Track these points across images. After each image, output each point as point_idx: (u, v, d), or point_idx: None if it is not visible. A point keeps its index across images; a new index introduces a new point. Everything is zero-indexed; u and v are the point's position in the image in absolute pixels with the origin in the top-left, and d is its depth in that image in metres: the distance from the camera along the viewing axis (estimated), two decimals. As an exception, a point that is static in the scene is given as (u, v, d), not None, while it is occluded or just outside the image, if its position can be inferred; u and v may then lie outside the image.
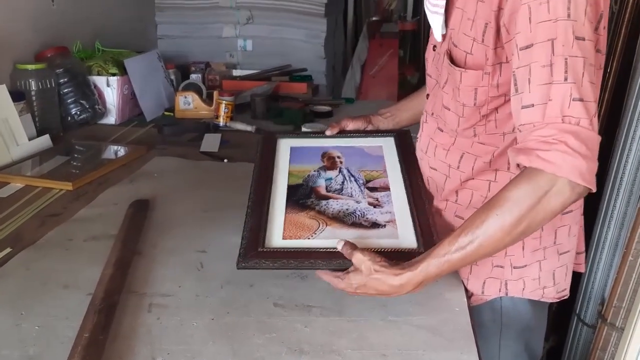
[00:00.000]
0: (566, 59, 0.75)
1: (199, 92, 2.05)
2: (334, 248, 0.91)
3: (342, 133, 1.25)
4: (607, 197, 1.55)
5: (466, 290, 1.03)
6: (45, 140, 1.65)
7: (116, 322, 0.87)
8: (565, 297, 1.07)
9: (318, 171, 1.15)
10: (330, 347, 0.83)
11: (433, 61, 1.06)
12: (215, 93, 1.95)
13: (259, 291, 0.96)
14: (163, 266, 1.04)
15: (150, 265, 1.04)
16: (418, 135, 1.14)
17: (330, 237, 0.95)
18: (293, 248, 0.94)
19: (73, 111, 1.83)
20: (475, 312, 1.05)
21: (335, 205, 1.05)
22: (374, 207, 1.05)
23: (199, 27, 2.66)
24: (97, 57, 2.01)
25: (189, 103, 2.01)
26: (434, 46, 1.05)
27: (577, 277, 1.73)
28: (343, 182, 1.12)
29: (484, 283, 1.03)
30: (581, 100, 0.75)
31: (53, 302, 0.92)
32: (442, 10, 0.94)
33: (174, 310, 0.91)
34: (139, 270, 1.02)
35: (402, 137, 1.24)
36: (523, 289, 1.02)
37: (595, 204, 1.62)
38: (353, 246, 0.89)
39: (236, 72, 2.57)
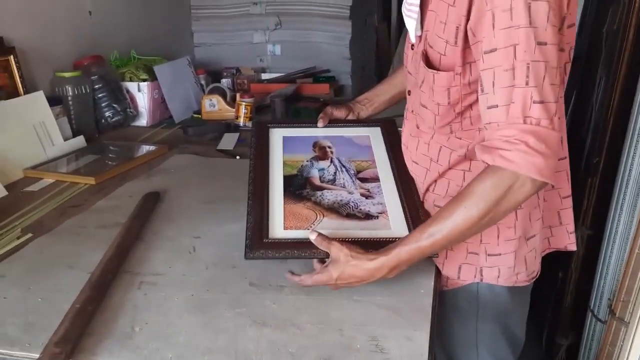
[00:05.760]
0: (528, 64, 0.81)
1: (223, 95, 2.17)
2: (332, 238, 0.98)
3: (330, 122, 1.32)
4: (617, 191, 1.55)
5: (441, 274, 1.09)
6: (79, 140, 1.80)
7: (108, 296, 0.97)
8: (535, 278, 1.12)
9: (311, 161, 1.21)
10: (292, 322, 0.90)
11: (412, 59, 1.10)
12: (237, 95, 2.06)
13: (239, 272, 1.04)
14: (159, 250, 1.14)
15: (148, 249, 1.14)
16: (402, 129, 1.20)
17: (327, 228, 1.03)
18: (295, 239, 1.01)
19: (107, 114, 1.98)
20: (452, 295, 1.10)
21: (329, 196, 1.12)
22: (366, 198, 1.12)
23: (232, 34, 2.79)
24: (131, 64, 2.17)
25: (213, 105, 2.13)
26: (412, 45, 1.10)
27: (592, 272, 1.72)
28: (335, 173, 1.19)
29: (460, 268, 1.07)
30: (542, 102, 0.81)
31: (57, 279, 1.04)
32: (416, 15, 0.99)
33: (161, 287, 1.01)
34: (137, 253, 1.12)
35: (387, 126, 1.30)
36: (498, 276, 1.07)
37: (607, 198, 1.62)
38: (327, 238, 0.96)
39: (265, 76, 2.68)
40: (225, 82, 2.42)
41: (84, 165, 1.68)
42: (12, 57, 1.75)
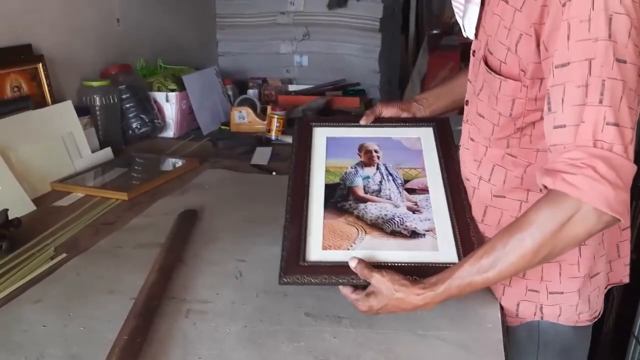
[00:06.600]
0: (604, 80, 0.73)
1: (253, 107, 2.11)
2: (374, 262, 0.91)
3: (378, 121, 1.22)
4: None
5: (501, 307, 1.02)
6: (107, 153, 1.75)
7: (155, 326, 0.91)
8: (598, 318, 1.04)
9: (355, 168, 1.13)
10: (356, 359, 0.84)
11: (473, 66, 1.03)
12: (268, 108, 2.00)
13: (292, 301, 0.98)
14: (204, 274, 1.08)
15: (192, 273, 1.08)
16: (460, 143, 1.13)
17: (369, 248, 0.96)
18: (333, 262, 0.94)
19: (134, 125, 1.93)
20: (511, 330, 1.02)
21: (373, 210, 1.04)
22: (413, 212, 1.04)
23: (258, 44, 2.74)
24: (158, 74, 2.12)
25: (243, 117, 2.07)
26: (474, 51, 1.03)
27: (634, 297, 1.65)
28: (381, 182, 1.10)
29: (518, 305, 1.00)
30: (616, 125, 0.73)
31: (98, 305, 0.97)
32: (461, 13, 0.95)
33: (210, 316, 0.94)
34: (180, 277, 1.06)
35: (441, 126, 1.20)
36: (559, 315, 0.99)
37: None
38: (368, 265, 0.89)
39: (292, 87, 2.62)
40: (252, 93, 2.36)
41: (111, 180, 1.62)
42: (40, 65, 1.70)
